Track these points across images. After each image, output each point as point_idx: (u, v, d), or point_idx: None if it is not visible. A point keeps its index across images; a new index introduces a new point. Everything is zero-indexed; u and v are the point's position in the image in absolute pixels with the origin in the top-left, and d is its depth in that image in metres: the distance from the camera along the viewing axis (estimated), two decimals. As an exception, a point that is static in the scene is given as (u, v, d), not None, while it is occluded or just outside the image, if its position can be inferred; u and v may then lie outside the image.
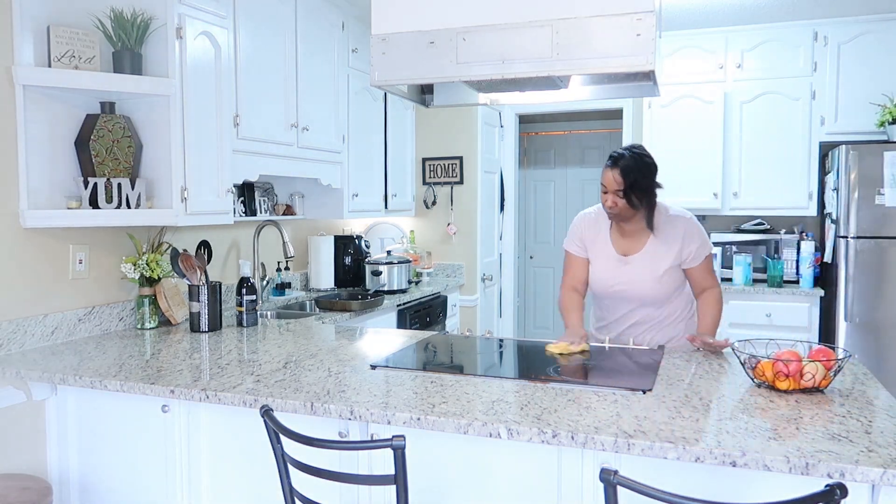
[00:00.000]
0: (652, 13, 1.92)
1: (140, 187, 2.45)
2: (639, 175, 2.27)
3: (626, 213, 2.31)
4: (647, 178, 2.29)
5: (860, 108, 4.03)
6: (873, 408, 1.62)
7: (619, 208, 2.29)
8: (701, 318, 2.39)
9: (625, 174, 2.25)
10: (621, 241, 2.41)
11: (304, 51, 3.32)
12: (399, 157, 4.49)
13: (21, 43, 2.26)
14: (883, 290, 3.71)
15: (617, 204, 2.29)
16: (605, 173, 2.30)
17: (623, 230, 2.40)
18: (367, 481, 1.57)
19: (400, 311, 3.74)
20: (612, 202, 2.29)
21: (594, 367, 2.08)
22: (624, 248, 2.40)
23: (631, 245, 2.40)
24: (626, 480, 1.17)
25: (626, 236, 2.41)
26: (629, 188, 2.26)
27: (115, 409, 2.14)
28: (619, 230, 2.42)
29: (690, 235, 2.36)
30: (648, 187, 2.30)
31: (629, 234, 2.40)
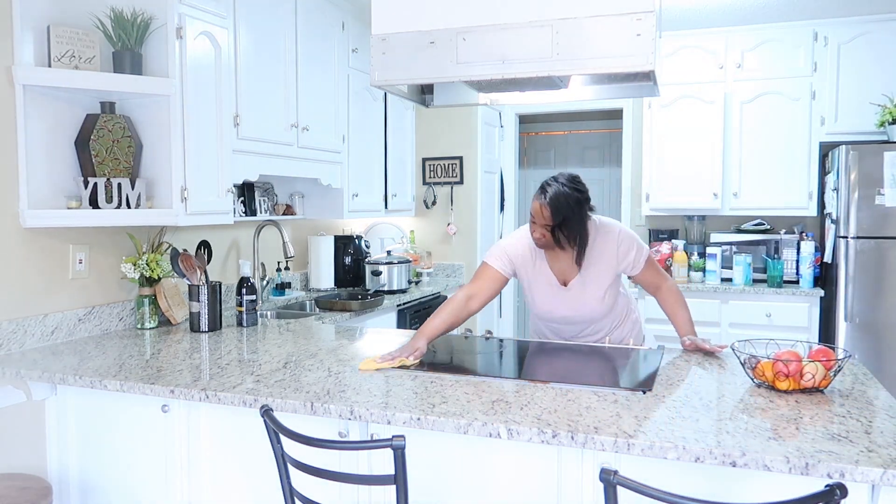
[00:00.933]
0: (652, 13, 1.92)
1: (140, 187, 2.46)
2: (569, 213, 2.13)
3: (552, 246, 2.23)
4: (579, 216, 2.16)
5: (860, 108, 4.03)
6: (873, 408, 1.62)
7: (547, 241, 2.20)
8: (674, 320, 2.32)
9: (555, 211, 2.12)
10: (559, 267, 2.32)
11: (304, 51, 3.32)
12: (399, 157, 4.49)
13: (21, 43, 2.26)
14: (883, 290, 3.71)
15: (544, 237, 2.19)
16: (535, 205, 2.18)
17: (558, 255, 2.30)
18: (367, 481, 1.57)
19: (400, 311, 3.74)
20: (541, 234, 2.19)
21: (594, 368, 2.08)
22: (562, 274, 2.32)
23: (570, 270, 2.31)
24: (626, 480, 1.17)
25: (562, 261, 2.31)
26: (558, 226, 2.15)
27: (115, 409, 2.14)
28: (553, 256, 2.32)
29: (624, 246, 2.28)
30: (579, 225, 2.17)
31: (565, 258, 2.30)
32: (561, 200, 2.13)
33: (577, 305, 2.32)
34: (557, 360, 2.19)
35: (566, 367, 2.08)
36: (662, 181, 4.44)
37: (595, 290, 2.30)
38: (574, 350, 2.30)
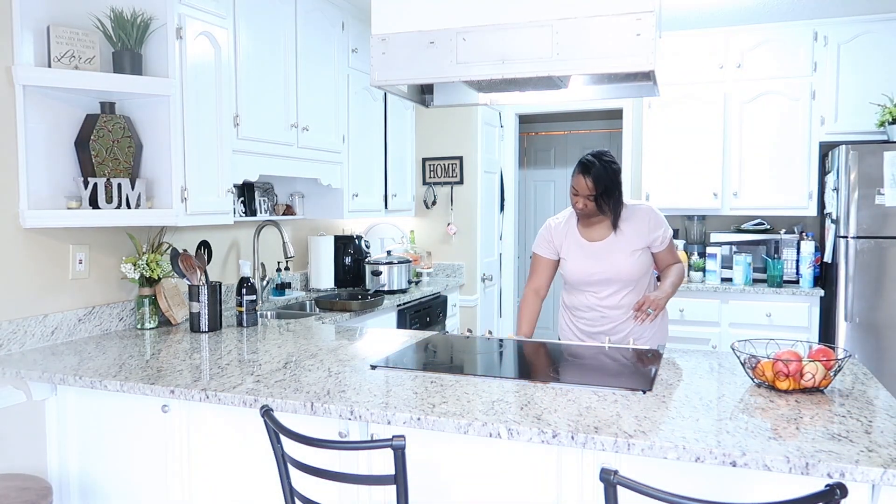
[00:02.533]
0: (652, 13, 1.92)
1: (140, 187, 2.46)
2: (609, 182, 2.48)
3: (594, 213, 2.54)
4: (616, 185, 2.51)
5: (860, 108, 4.03)
6: (873, 408, 1.62)
7: (589, 209, 2.51)
8: (663, 279, 2.62)
9: (596, 182, 2.46)
10: (589, 232, 2.61)
11: (304, 51, 3.32)
12: (399, 157, 4.49)
13: (21, 43, 2.26)
14: (883, 290, 3.71)
15: (587, 206, 2.51)
16: (577, 179, 2.50)
17: (590, 223, 2.60)
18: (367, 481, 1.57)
19: (400, 311, 3.74)
20: (584, 204, 2.51)
21: (594, 367, 2.08)
22: (592, 237, 2.60)
23: (599, 233, 2.60)
24: (626, 480, 1.17)
25: (592, 227, 2.60)
26: (600, 195, 2.47)
27: (115, 409, 2.14)
28: (585, 224, 2.62)
29: (655, 222, 2.58)
30: (617, 193, 2.52)
31: (595, 224, 2.60)
32: (601, 172, 2.46)
33: (610, 261, 2.55)
34: (557, 360, 2.19)
35: (566, 367, 2.08)
36: (662, 181, 4.44)
37: (625, 246, 2.55)
38: (574, 350, 2.30)
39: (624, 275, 2.54)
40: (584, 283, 2.60)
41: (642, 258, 2.56)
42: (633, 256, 2.54)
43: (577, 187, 2.50)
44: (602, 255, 2.56)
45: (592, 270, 2.57)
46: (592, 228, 2.60)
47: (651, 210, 2.61)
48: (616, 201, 2.52)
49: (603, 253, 2.56)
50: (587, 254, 2.59)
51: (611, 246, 2.56)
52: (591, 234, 2.60)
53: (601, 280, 2.56)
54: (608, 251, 2.56)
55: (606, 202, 2.49)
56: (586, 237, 2.61)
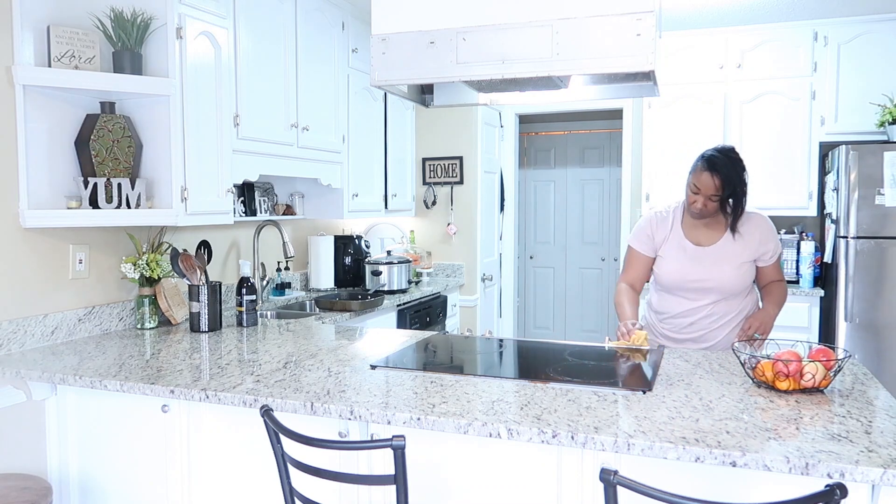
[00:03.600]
0: (652, 13, 1.92)
1: (140, 187, 2.45)
2: (738, 183, 2.29)
3: (712, 215, 2.35)
4: (744, 186, 2.32)
5: (860, 108, 4.03)
6: (873, 408, 1.62)
7: (708, 211, 2.32)
8: (766, 296, 2.45)
9: (725, 181, 2.27)
10: (695, 233, 2.42)
11: (304, 51, 3.32)
12: (399, 157, 4.49)
13: (21, 43, 2.26)
14: (883, 290, 3.71)
15: (707, 207, 2.31)
16: (701, 176, 2.30)
17: (698, 223, 2.42)
18: (367, 481, 1.57)
19: (400, 311, 3.74)
20: (703, 205, 2.31)
21: (594, 367, 2.08)
22: (699, 240, 2.42)
23: (707, 236, 2.41)
24: (626, 480, 1.17)
25: (701, 229, 2.42)
26: (727, 196, 2.30)
27: (115, 409, 2.14)
28: (691, 224, 2.44)
29: (768, 235, 2.41)
30: (743, 194, 2.32)
31: (705, 226, 2.41)
32: (731, 172, 2.28)
33: (714, 269, 2.37)
34: (557, 360, 2.19)
35: (566, 367, 2.08)
36: (663, 181, 4.44)
37: (734, 257, 2.37)
38: (574, 350, 2.30)
39: (727, 286, 2.37)
40: (680, 287, 2.43)
41: (748, 271, 2.39)
42: (741, 268, 2.37)
43: (700, 185, 2.29)
44: (707, 261, 2.37)
45: (693, 277, 2.38)
46: (700, 230, 2.41)
47: (767, 220, 2.43)
48: (740, 203, 2.33)
49: (709, 259, 2.37)
50: (690, 257, 2.39)
51: (719, 253, 2.37)
52: (698, 237, 2.40)
53: (699, 288, 2.39)
54: (715, 258, 2.37)
55: (736, 202, 2.31)
56: (692, 239, 2.41)
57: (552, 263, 6.56)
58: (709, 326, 2.44)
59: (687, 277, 2.40)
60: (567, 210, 6.50)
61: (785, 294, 2.47)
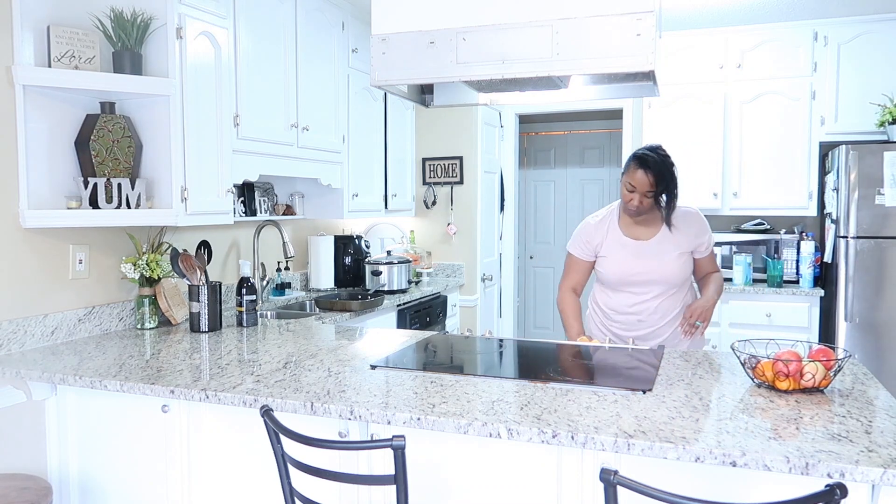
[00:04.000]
0: (652, 13, 1.92)
1: (140, 187, 2.46)
2: (669, 178, 2.39)
3: (648, 211, 2.44)
4: (675, 181, 2.42)
5: (860, 108, 4.03)
6: (873, 408, 1.62)
7: (644, 207, 2.42)
8: (703, 287, 2.55)
9: (657, 177, 2.36)
10: (633, 230, 2.52)
11: (304, 51, 3.32)
12: (399, 157, 4.49)
13: (21, 43, 2.26)
14: (883, 290, 3.71)
15: (643, 204, 2.40)
16: (636, 174, 2.38)
17: (636, 220, 2.51)
18: (367, 481, 1.57)
19: (400, 311, 3.74)
20: (639, 202, 2.40)
21: (594, 367, 2.08)
22: (637, 235, 2.51)
23: (645, 232, 2.51)
24: (626, 480, 1.17)
25: (638, 224, 2.51)
26: (660, 192, 2.39)
27: (115, 409, 2.14)
28: (628, 222, 2.53)
29: (702, 228, 2.52)
30: (674, 189, 2.42)
31: (641, 223, 2.51)
32: (662, 168, 2.37)
33: (655, 261, 2.46)
34: (557, 360, 2.19)
35: (566, 367, 2.08)
36: (662, 181, 4.44)
37: (673, 248, 2.47)
38: (574, 350, 2.30)
39: (670, 276, 2.46)
40: (624, 283, 2.51)
41: (687, 262, 2.49)
42: (681, 259, 2.46)
43: (635, 183, 2.38)
44: (648, 254, 2.47)
45: (636, 270, 2.47)
46: (637, 226, 2.51)
47: (699, 214, 2.54)
48: (675, 198, 2.43)
49: (649, 252, 2.47)
50: (631, 252, 2.49)
51: (658, 245, 2.47)
52: (636, 232, 2.51)
53: (643, 281, 2.47)
54: (655, 251, 2.47)
55: (667, 199, 2.42)
56: (630, 235, 2.51)
57: (552, 263, 6.55)
58: (656, 323, 2.51)
59: (630, 272, 2.49)
60: (567, 210, 6.50)
61: (721, 283, 2.56)
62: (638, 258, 2.48)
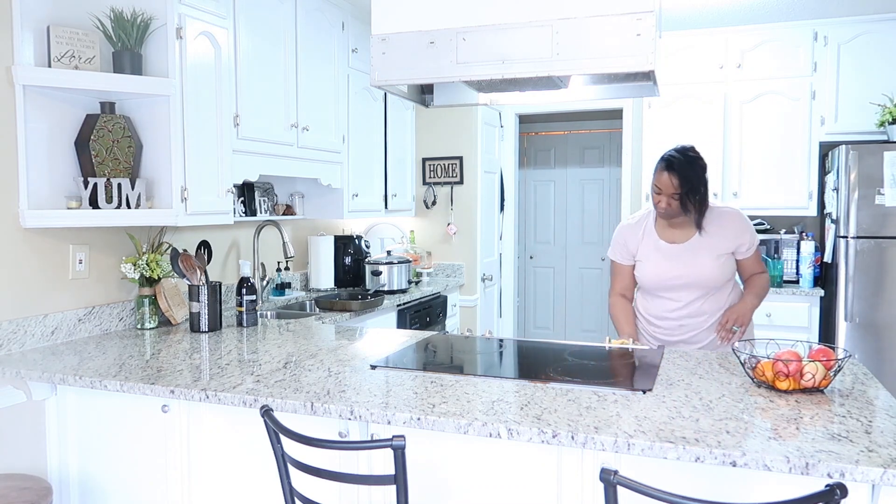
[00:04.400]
0: (652, 13, 1.92)
1: (140, 187, 2.46)
2: (696, 180, 2.34)
3: (678, 213, 2.39)
4: (703, 183, 2.37)
5: (860, 108, 4.03)
6: (873, 408, 1.62)
7: (673, 209, 2.37)
8: (746, 290, 2.48)
9: (682, 179, 2.32)
10: (669, 233, 2.47)
11: (304, 51, 3.32)
12: (399, 157, 4.49)
13: (21, 43, 2.26)
14: (883, 290, 3.71)
15: (671, 206, 2.36)
16: (660, 176, 2.36)
17: (670, 224, 2.47)
18: (367, 481, 1.57)
19: (400, 311, 3.74)
20: (667, 204, 2.36)
21: (594, 367, 2.08)
22: (673, 238, 2.46)
23: (680, 235, 2.45)
24: (626, 480, 1.17)
25: (674, 227, 2.47)
26: (686, 193, 2.33)
27: (115, 409, 2.14)
28: (664, 225, 2.48)
29: (741, 228, 2.44)
30: (703, 191, 2.37)
31: (677, 225, 2.46)
32: (687, 169, 2.33)
33: (692, 264, 2.41)
34: (557, 360, 2.19)
35: (566, 367, 2.08)
36: (662, 181, 4.43)
37: (710, 249, 2.41)
38: (574, 350, 2.30)
39: (707, 279, 2.39)
40: (662, 287, 2.46)
41: (727, 263, 2.42)
42: (719, 261, 2.40)
43: (661, 185, 2.35)
44: (684, 257, 2.41)
45: (672, 274, 2.42)
46: (673, 229, 2.46)
47: (739, 213, 2.48)
48: (702, 200, 2.37)
49: (685, 255, 2.41)
50: (666, 256, 2.44)
51: (694, 248, 2.41)
52: (672, 236, 2.45)
53: (681, 285, 2.42)
54: (691, 254, 2.41)
55: (692, 201, 2.34)
56: (666, 238, 2.46)
57: (552, 263, 6.55)
58: (698, 327, 2.45)
59: (666, 275, 2.44)
60: (567, 210, 6.50)
61: (766, 285, 2.49)
62: (674, 261, 2.42)
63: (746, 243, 2.44)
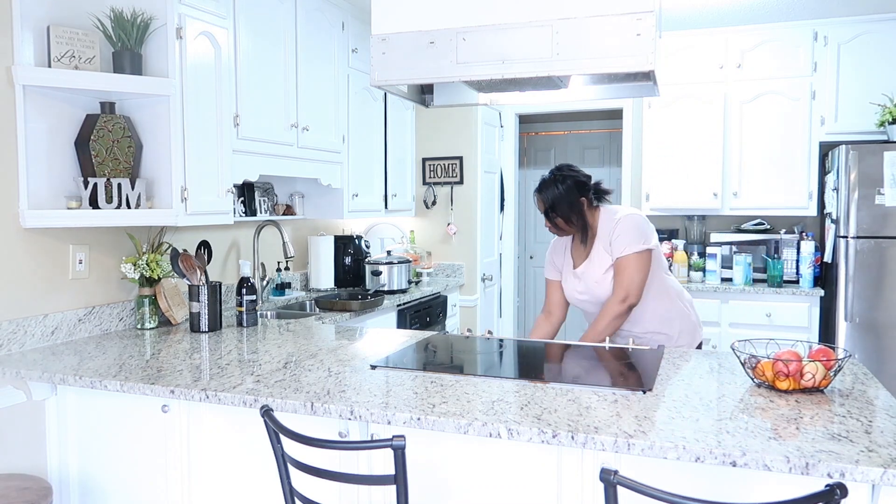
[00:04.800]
0: (652, 13, 1.92)
1: (140, 187, 2.46)
2: (557, 199, 2.38)
3: (566, 231, 2.45)
4: (566, 201, 2.37)
5: (860, 108, 4.04)
6: (873, 408, 1.62)
7: (555, 229, 2.45)
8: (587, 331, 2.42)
9: (545, 199, 2.41)
10: (575, 254, 2.53)
11: (304, 51, 3.32)
12: (399, 157, 4.49)
13: (21, 43, 2.26)
14: (883, 290, 3.71)
15: (548, 224, 2.45)
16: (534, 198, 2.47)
17: (576, 243, 2.52)
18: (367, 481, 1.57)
19: (400, 311, 3.74)
20: (546, 223, 2.47)
21: (594, 368, 2.08)
22: (577, 260, 2.52)
23: (581, 254, 2.50)
24: (626, 480, 1.17)
25: (578, 248, 2.52)
26: (550, 211, 2.40)
27: (115, 409, 2.14)
28: (575, 245, 2.53)
29: (619, 228, 2.36)
30: (569, 209, 2.38)
31: (579, 245, 2.51)
32: (549, 189, 2.40)
33: (587, 285, 2.46)
34: (557, 360, 2.19)
35: (566, 367, 2.08)
36: (662, 181, 4.44)
37: (597, 268, 2.42)
38: (574, 350, 2.30)
39: (602, 296, 2.42)
40: (582, 307, 2.55)
41: None
42: (609, 274, 2.39)
43: (537, 206, 2.47)
44: (583, 278, 2.47)
45: (581, 297, 2.49)
46: (578, 249, 2.50)
47: (627, 217, 2.37)
48: (573, 215, 2.37)
49: (583, 276, 2.47)
50: (573, 275, 2.51)
51: (587, 268, 2.45)
52: (577, 256, 2.51)
53: (588, 301, 2.48)
54: (586, 274, 2.45)
55: (563, 219, 2.38)
56: (574, 258, 2.52)
57: (552, 263, 6.55)
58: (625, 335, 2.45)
59: (575, 297, 2.52)
60: (567, 210, 6.49)
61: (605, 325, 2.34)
62: (577, 280, 2.49)
63: (614, 247, 2.34)
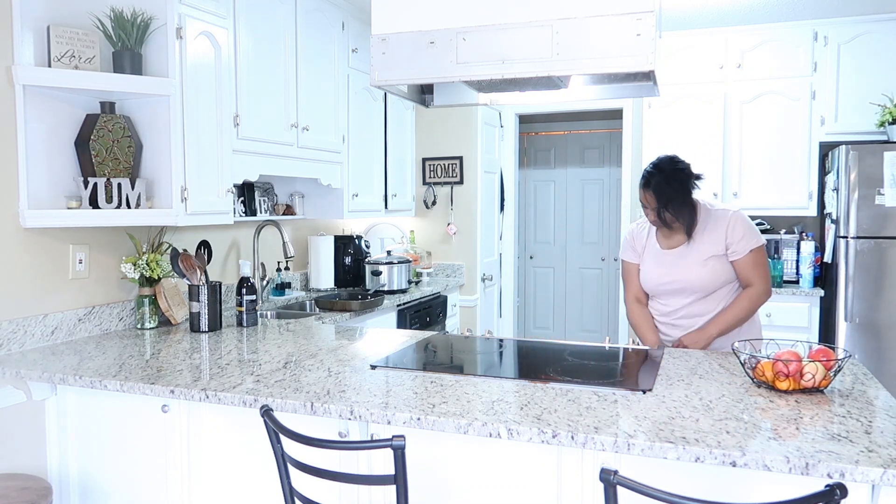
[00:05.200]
0: (652, 13, 1.92)
1: (140, 187, 2.46)
2: (672, 193, 2.35)
3: (667, 223, 2.41)
4: (681, 194, 2.37)
5: (860, 108, 4.03)
6: (873, 408, 1.62)
7: (660, 221, 2.41)
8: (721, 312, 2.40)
9: (658, 195, 2.35)
10: (667, 238, 2.49)
11: (304, 50, 3.32)
12: (399, 157, 4.49)
13: (21, 43, 2.26)
14: (883, 290, 3.71)
15: (658, 218, 2.40)
16: (642, 192, 2.41)
17: (670, 232, 2.48)
18: (367, 481, 1.57)
19: (400, 311, 3.74)
20: (653, 217, 2.41)
21: (594, 367, 2.08)
22: (670, 244, 2.48)
23: (676, 239, 2.47)
24: (626, 480, 1.17)
25: (672, 233, 2.48)
26: (663, 207, 2.35)
27: (115, 409, 2.14)
28: (664, 231, 2.50)
29: (733, 226, 2.39)
30: (682, 202, 2.37)
31: (673, 231, 2.47)
32: (661, 183, 2.36)
33: (680, 269, 2.42)
34: (557, 360, 2.19)
35: (566, 367, 2.08)
36: (662, 181, 4.43)
37: (698, 255, 2.40)
38: (574, 350, 2.30)
39: (696, 284, 2.39)
40: (656, 291, 2.50)
41: (718, 267, 2.38)
42: (707, 265, 2.38)
43: (644, 201, 2.41)
44: (674, 263, 2.43)
45: (663, 280, 2.45)
46: (671, 234, 2.47)
47: (735, 216, 2.42)
48: (683, 209, 2.37)
49: (676, 261, 2.43)
50: (661, 261, 2.47)
51: (683, 254, 2.42)
52: (669, 241, 2.48)
53: (672, 290, 2.44)
54: (681, 259, 2.42)
55: (673, 213, 2.36)
56: (662, 243, 2.49)
57: (552, 263, 6.55)
58: (692, 327, 2.45)
59: (659, 280, 2.47)
60: (567, 210, 6.49)
61: (749, 305, 2.38)
62: (665, 267, 2.45)
63: (733, 245, 2.38)
